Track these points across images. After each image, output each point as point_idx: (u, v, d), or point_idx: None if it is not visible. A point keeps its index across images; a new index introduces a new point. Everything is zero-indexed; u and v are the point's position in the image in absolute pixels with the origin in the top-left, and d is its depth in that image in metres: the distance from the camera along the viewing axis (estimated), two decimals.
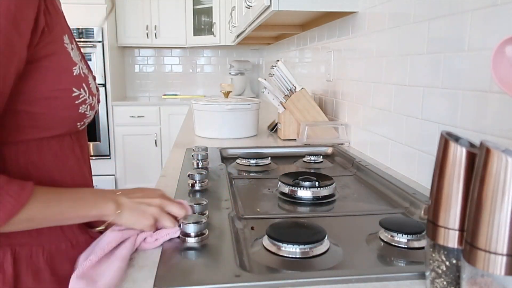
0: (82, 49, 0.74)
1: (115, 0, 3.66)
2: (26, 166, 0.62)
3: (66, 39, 0.65)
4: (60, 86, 0.63)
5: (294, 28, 2.22)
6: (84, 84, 0.66)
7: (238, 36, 2.64)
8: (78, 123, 0.67)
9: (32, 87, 0.60)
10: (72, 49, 0.66)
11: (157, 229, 0.66)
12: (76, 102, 0.65)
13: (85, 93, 0.66)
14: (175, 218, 0.67)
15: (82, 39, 3.41)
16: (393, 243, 0.67)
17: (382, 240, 0.69)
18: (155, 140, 3.62)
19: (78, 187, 0.70)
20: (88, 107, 0.67)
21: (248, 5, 1.73)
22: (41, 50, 0.60)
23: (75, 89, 0.64)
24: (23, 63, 0.58)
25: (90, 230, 0.71)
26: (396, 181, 0.99)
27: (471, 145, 0.47)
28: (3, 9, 0.53)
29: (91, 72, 0.73)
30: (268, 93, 1.63)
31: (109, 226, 0.64)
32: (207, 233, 0.67)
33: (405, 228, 0.68)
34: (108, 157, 3.58)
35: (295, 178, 0.97)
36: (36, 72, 0.60)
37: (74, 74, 0.65)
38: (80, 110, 0.66)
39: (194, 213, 0.72)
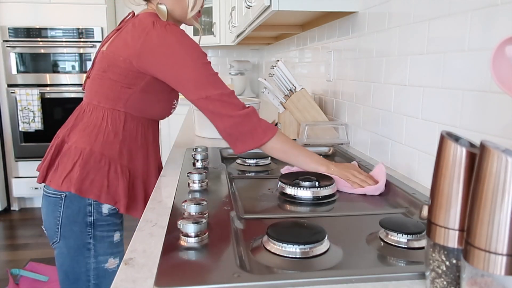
0: (82, 49, 1.15)
1: (115, 0, 3.67)
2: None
3: None
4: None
5: (294, 28, 2.22)
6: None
7: (238, 36, 2.64)
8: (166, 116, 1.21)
9: None
10: None
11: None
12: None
13: (176, 102, 1.21)
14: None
15: (82, 39, 3.41)
16: (393, 243, 0.67)
17: (382, 240, 0.69)
18: None
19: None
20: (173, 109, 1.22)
21: (248, 5, 1.72)
22: None
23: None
24: None
25: None
26: (396, 181, 0.99)
27: (471, 145, 0.47)
28: (204, 53, 1.06)
29: None
30: (268, 93, 1.63)
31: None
32: (207, 233, 0.67)
33: (405, 228, 0.68)
34: None
35: (295, 178, 0.97)
36: None
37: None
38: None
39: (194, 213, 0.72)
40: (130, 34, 1.05)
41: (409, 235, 0.67)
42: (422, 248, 0.65)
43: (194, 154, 1.14)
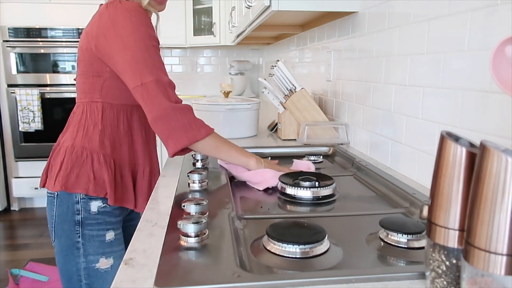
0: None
1: None
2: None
3: None
4: None
5: (294, 28, 2.22)
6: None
7: (238, 36, 2.63)
8: None
9: None
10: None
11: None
12: None
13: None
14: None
15: None
16: (393, 243, 0.67)
17: (382, 240, 0.69)
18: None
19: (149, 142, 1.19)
20: None
21: (248, 5, 1.72)
22: None
23: None
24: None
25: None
26: (396, 181, 0.99)
27: (471, 145, 0.47)
28: (153, 35, 1.03)
29: None
30: (268, 93, 1.63)
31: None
32: (207, 233, 0.67)
33: (405, 228, 0.68)
34: None
35: (295, 178, 0.97)
36: None
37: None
38: None
39: (194, 213, 0.72)
40: (90, 22, 1.07)
41: (409, 235, 0.67)
42: (422, 248, 0.65)
43: (194, 154, 1.14)
